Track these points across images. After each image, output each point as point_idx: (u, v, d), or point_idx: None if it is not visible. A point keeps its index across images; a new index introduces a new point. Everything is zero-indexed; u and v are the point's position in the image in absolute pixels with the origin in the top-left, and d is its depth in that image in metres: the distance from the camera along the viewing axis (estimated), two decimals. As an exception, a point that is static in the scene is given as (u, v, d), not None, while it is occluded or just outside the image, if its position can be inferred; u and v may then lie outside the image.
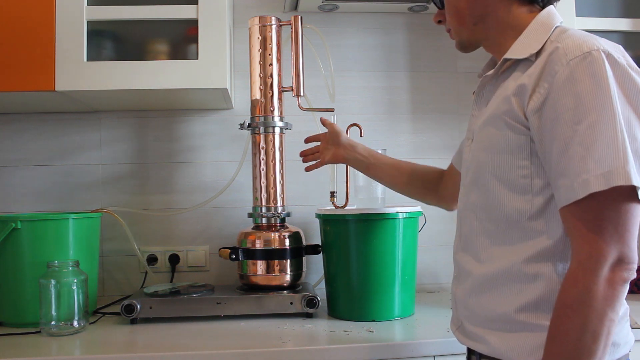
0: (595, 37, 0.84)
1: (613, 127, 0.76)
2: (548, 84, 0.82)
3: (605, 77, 0.78)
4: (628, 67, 0.80)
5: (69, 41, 1.43)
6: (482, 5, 0.95)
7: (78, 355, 1.17)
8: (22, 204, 1.75)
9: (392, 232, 1.40)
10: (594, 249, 0.76)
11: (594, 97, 0.77)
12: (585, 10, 1.60)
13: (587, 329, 0.74)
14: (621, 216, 0.76)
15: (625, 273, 0.76)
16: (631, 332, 0.90)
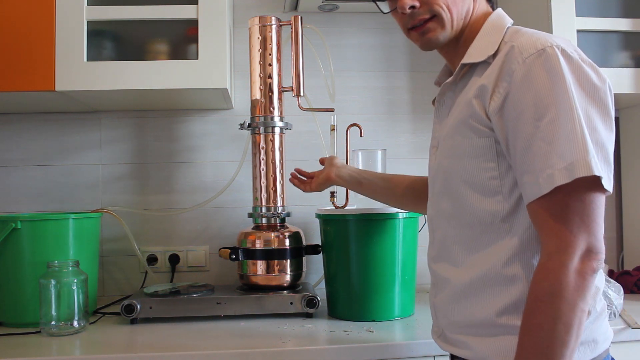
0: (548, 34, 0.85)
1: (572, 121, 0.77)
2: (507, 83, 0.82)
3: (560, 72, 0.79)
4: (581, 61, 0.81)
5: (69, 41, 1.43)
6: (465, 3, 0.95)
7: (78, 355, 1.18)
8: (22, 204, 1.75)
9: (392, 232, 1.40)
10: (562, 241, 0.76)
11: (552, 93, 0.78)
12: (585, 10, 1.59)
13: (559, 320, 0.74)
14: (587, 207, 0.77)
15: (594, 263, 0.76)
16: (610, 328, 0.90)
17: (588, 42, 1.61)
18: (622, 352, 1.28)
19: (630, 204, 1.89)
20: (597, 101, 0.80)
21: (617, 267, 1.92)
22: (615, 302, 1.32)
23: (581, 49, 1.59)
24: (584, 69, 0.81)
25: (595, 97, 0.80)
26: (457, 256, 0.93)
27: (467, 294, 0.90)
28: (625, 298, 1.42)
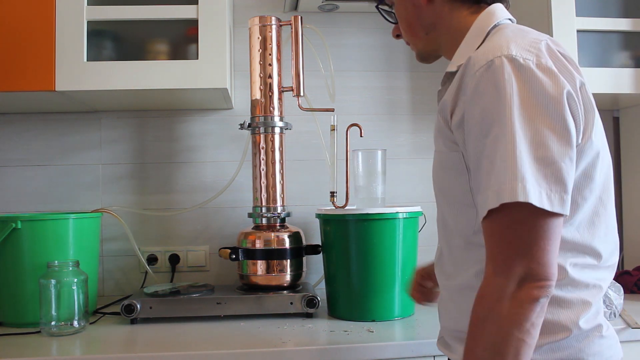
0: (514, 37, 0.80)
1: (507, 141, 0.72)
2: (464, 97, 0.80)
3: (503, 87, 0.74)
4: (536, 69, 0.75)
5: (69, 41, 1.43)
6: (430, 14, 0.94)
7: (78, 355, 1.18)
8: (22, 204, 1.75)
9: (392, 232, 1.40)
10: (498, 266, 0.73)
11: (495, 110, 0.75)
12: (585, 10, 1.59)
13: (492, 348, 0.72)
14: (526, 231, 0.72)
15: (535, 291, 0.71)
16: (613, 349, 0.85)
17: (588, 42, 1.61)
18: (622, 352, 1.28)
19: (630, 204, 1.89)
20: (551, 113, 0.74)
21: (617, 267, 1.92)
22: (615, 302, 1.32)
23: (581, 49, 1.61)
24: (537, 77, 0.75)
25: (549, 109, 0.74)
26: (445, 264, 0.94)
27: (453, 301, 0.91)
28: (625, 298, 1.42)
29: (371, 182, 1.51)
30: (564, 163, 0.73)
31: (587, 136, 0.79)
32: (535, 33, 0.84)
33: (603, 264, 0.85)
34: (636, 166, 1.86)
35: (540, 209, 0.71)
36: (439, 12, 0.93)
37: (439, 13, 0.93)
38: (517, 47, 0.77)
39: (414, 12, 0.95)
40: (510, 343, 0.71)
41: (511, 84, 0.74)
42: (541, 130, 0.73)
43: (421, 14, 0.95)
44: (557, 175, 0.73)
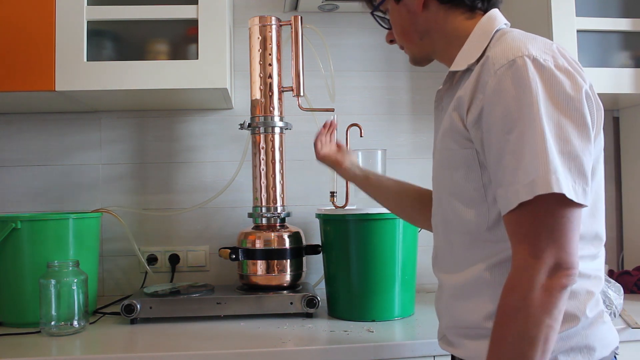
0: (527, 40, 0.83)
1: (536, 136, 0.76)
2: (482, 95, 0.82)
3: (529, 85, 0.78)
4: (555, 69, 0.79)
5: (69, 41, 1.43)
6: (424, 19, 0.97)
7: (78, 355, 1.18)
8: (22, 204, 1.75)
9: (392, 232, 1.40)
10: (529, 256, 0.76)
11: (520, 106, 0.78)
12: (585, 10, 1.59)
13: (523, 335, 0.74)
14: (556, 222, 0.75)
15: (564, 279, 0.75)
16: (613, 334, 0.89)
17: (588, 42, 1.61)
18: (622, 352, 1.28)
19: (630, 204, 1.89)
20: (572, 111, 0.78)
21: (617, 267, 1.92)
22: (615, 302, 1.32)
23: (581, 49, 1.61)
24: (558, 78, 0.79)
25: (570, 106, 0.78)
26: (449, 262, 0.95)
27: (458, 298, 0.92)
28: (625, 298, 1.42)
29: (371, 182, 1.51)
30: (585, 157, 0.77)
31: (596, 133, 0.83)
32: (541, 37, 0.86)
33: (599, 252, 0.89)
34: (636, 166, 1.86)
35: (568, 200, 0.75)
36: (433, 18, 0.96)
37: (433, 19, 0.96)
38: (535, 48, 0.81)
39: (408, 18, 0.98)
40: (541, 330, 0.74)
41: (536, 82, 0.77)
42: (565, 126, 0.77)
43: (416, 20, 0.97)
44: (580, 169, 0.77)
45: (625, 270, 1.71)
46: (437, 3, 0.95)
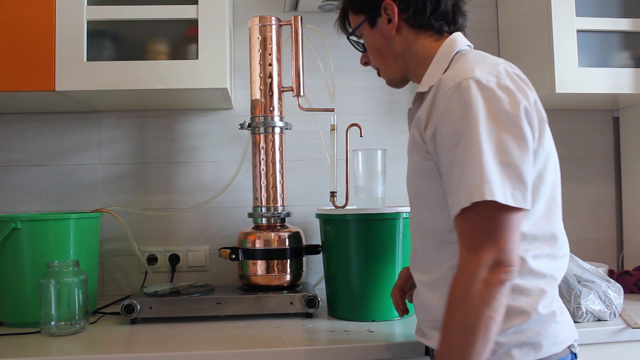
0: (476, 63, 0.92)
1: (475, 150, 0.85)
2: (436, 114, 0.92)
3: (471, 104, 0.87)
4: (496, 89, 0.88)
5: (69, 41, 1.43)
6: (397, 43, 1.06)
7: (78, 355, 1.17)
8: (22, 204, 1.75)
9: (392, 232, 1.40)
10: (471, 255, 0.85)
11: (463, 124, 0.87)
12: (585, 10, 1.60)
13: (465, 325, 0.84)
14: (493, 224, 0.85)
15: (502, 275, 0.83)
16: (566, 332, 0.95)
17: (588, 42, 1.61)
18: (622, 352, 1.28)
19: (630, 204, 1.89)
20: (510, 125, 0.86)
21: (617, 267, 1.92)
22: (615, 302, 1.32)
23: (581, 49, 1.61)
24: (498, 96, 0.87)
25: (508, 122, 0.86)
26: (423, 263, 1.04)
27: (429, 295, 1.01)
28: (625, 298, 1.42)
29: (371, 182, 1.51)
30: (524, 166, 0.86)
31: (540, 142, 0.91)
32: (493, 58, 0.96)
33: (557, 253, 0.96)
34: (636, 166, 1.86)
35: (505, 205, 0.84)
36: (406, 41, 1.06)
37: (406, 42, 1.06)
38: (481, 70, 0.90)
39: (383, 42, 1.08)
40: (481, 320, 0.83)
41: (477, 102, 0.87)
42: (504, 139, 0.86)
43: (390, 44, 1.07)
44: (519, 177, 0.86)
45: (625, 270, 1.71)
46: (408, 27, 1.05)
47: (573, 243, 1.01)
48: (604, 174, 1.95)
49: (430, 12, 1.03)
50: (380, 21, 1.06)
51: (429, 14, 1.03)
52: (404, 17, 1.05)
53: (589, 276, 1.36)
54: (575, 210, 1.91)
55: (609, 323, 1.30)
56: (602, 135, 1.95)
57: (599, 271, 1.40)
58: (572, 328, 0.99)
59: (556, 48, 1.56)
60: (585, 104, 1.84)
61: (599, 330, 1.27)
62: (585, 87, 1.58)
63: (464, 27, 1.08)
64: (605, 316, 1.31)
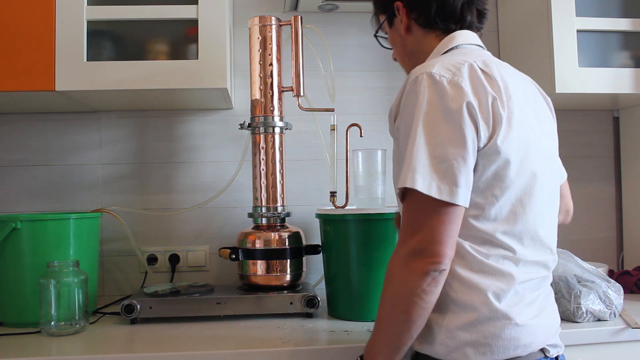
0: (441, 60, 0.95)
1: (412, 141, 0.89)
2: (401, 106, 0.96)
3: (420, 98, 0.90)
4: (447, 85, 0.90)
5: (69, 41, 1.43)
6: (410, 41, 1.10)
7: (78, 355, 1.17)
8: (22, 204, 1.75)
9: (392, 232, 1.39)
10: (400, 237, 0.92)
11: (411, 115, 0.91)
12: (585, 10, 1.59)
13: (391, 306, 0.91)
14: (421, 215, 0.88)
15: (426, 265, 0.86)
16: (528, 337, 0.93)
17: (588, 42, 1.61)
18: (623, 352, 1.28)
19: (630, 204, 1.89)
20: (450, 121, 0.88)
21: (617, 267, 1.92)
22: (615, 302, 1.32)
23: (581, 49, 1.61)
24: (446, 91, 0.89)
25: (449, 116, 0.88)
26: None
27: None
28: (625, 298, 1.42)
29: (371, 182, 1.51)
30: (456, 162, 0.88)
31: (492, 142, 0.90)
32: (469, 55, 0.97)
33: (522, 258, 0.95)
34: (636, 166, 1.86)
35: (432, 197, 0.86)
36: (417, 40, 1.09)
37: (417, 41, 1.09)
38: (440, 66, 0.92)
39: (400, 41, 1.12)
40: (402, 302, 0.89)
41: (424, 95, 0.90)
42: (440, 133, 0.88)
43: (404, 42, 1.11)
44: (449, 171, 0.87)
45: (625, 270, 1.71)
46: (418, 27, 1.08)
47: (573, 243, 1.01)
48: (604, 174, 1.95)
49: (435, 13, 1.05)
50: (396, 21, 1.11)
51: (434, 14, 1.05)
52: (413, 17, 1.08)
53: (589, 276, 1.36)
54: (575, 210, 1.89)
55: (609, 323, 1.30)
56: (602, 135, 1.95)
57: (599, 271, 1.40)
58: (549, 333, 0.97)
59: (556, 48, 1.56)
60: (585, 104, 1.84)
61: (599, 330, 1.27)
62: (585, 87, 1.58)
63: (476, 25, 1.08)
64: (605, 316, 1.31)
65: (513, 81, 0.97)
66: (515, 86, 0.97)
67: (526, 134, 0.95)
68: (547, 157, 1.00)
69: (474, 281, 0.92)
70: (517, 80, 1.00)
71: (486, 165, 0.91)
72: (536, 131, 0.98)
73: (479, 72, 0.93)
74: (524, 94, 0.99)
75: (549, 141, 1.03)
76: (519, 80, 1.02)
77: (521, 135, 0.93)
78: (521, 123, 0.94)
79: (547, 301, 1.01)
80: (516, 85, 0.97)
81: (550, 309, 1.01)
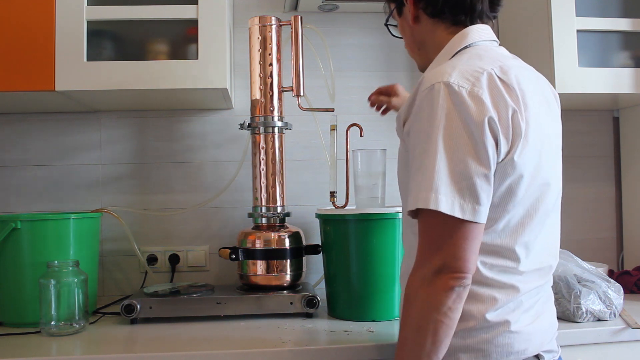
0: (458, 65, 0.90)
1: (431, 156, 0.85)
2: (412, 112, 0.92)
3: (436, 108, 0.86)
4: (466, 96, 0.86)
5: (69, 41, 1.43)
6: (418, 32, 1.07)
7: (78, 355, 1.17)
8: (22, 204, 1.75)
9: (392, 232, 1.39)
10: (420, 257, 0.88)
11: (428, 127, 0.87)
12: (585, 10, 1.59)
13: (416, 326, 0.86)
14: (441, 232, 0.85)
15: (450, 281, 0.84)
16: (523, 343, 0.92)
17: (588, 42, 1.61)
18: (623, 352, 1.28)
19: (630, 204, 1.89)
20: (471, 135, 0.85)
21: (617, 267, 1.92)
22: (615, 302, 1.32)
23: (581, 49, 1.61)
24: (465, 104, 0.85)
25: (470, 131, 0.85)
26: (405, 248, 1.06)
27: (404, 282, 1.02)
28: (625, 298, 1.42)
29: (371, 182, 1.51)
30: (478, 179, 0.85)
31: (509, 157, 0.88)
32: (486, 61, 0.93)
33: (524, 268, 0.94)
34: (636, 166, 1.86)
35: (453, 216, 0.84)
36: (425, 31, 1.06)
37: (425, 31, 1.06)
38: (458, 74, 0.88)
39: (409, 30, 1.09)
40: (429, 323, 0.85)
41: (443, 107, 0.86)
42: (462, 149, 0.85)
43: (413, 33, 1.08)
44: (472, 189, 0.85)
45: (625, 270, 1.71)
46: (427, 17, 1.04)
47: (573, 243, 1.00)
48: (604, 174, 1.95)
49: (443, 2, 1.01)
50: (405, 10, 1.08)
51: (441, 4, 1.01)
52: (421, 7, 1.04)
53: (589, 276, 1.36)
54: (575, 210, 1.91)
55: (609, 323, 1.30)
56: (602, 135, 1.95)
57: (599, 271, 1.40)
58: (544, 338, 0.96)
59: (556, 48, 1.56)
60: (585, 104, 1.84)
61: (599, 330, 1.27)
62: (585, 87, 1.58)
63: (488, 14, 1.03)
64: (605, 316, 1.31)
65: (529, 86, 0.94)
66: (532, 92, 0.94)
67: (540, 144, 0.92)
68: (556, 160, 0.99)
69: (476, 292, 0.91)
70: (533, 84, 0.97)
71: (501, 180, 0.89)
72: (550, 135, 0.97)
73: (497, 82, 0.89)
74: (539, 99, 0.96)
75: (557, 141, 1.02)
76: (534, 81, 0.98)
77: (536, 146, 0.91)
78: (537, 133, 0.91)
79: (546, 306, 1.00)
80: (533, 91, 0.94)
81: (548, 314, 1.00)
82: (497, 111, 0.87)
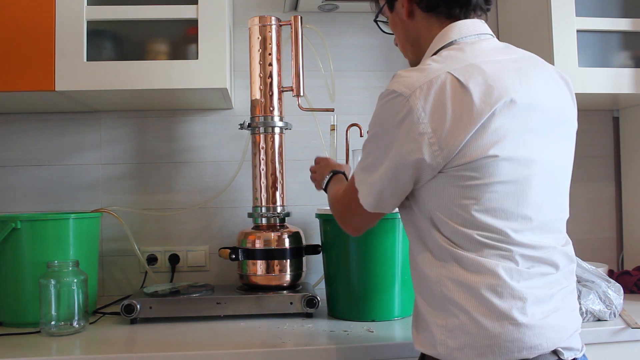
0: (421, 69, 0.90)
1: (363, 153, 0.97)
2: None
3: (376, 113, 0.93)
4: (397, 101, 0.88)
5: (69, 41, 1.43)
6: (412, 27, 1.04)
7: (78, 355, 1.18)
8: (22, 204, 1.75)
9: (392, 232, 1.39)
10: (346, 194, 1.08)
11: (370, 129, 0.96)
12: (585, 10, 1.60)
13: None
14: None
15: None
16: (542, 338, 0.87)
17: (588, 42, 1.61)
18: (623, 352, 1.28)
19: (630, 204, 1.89)
20: (388, 135, 0.91)
21: (617, 267, 1.92)
22: (615, 302, 1.32)
23: (581, 49, 1.61)
24: (396, 108, 0.88)
25: (388, 131, 0.91)
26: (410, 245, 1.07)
27: None
28: (625, 298, 1.42)
29: (371, 182, 1.51)
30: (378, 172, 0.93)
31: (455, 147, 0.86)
32: (455, 60, 0.90)
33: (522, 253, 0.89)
34: (636, 166, 1.86)
35: None
36: (419, 26, 1.03)
37: (419, 27, 1.03)
38: (408, 81, 0.88)
39: (401, 26, 1.06)
40: None
41: (378, 109, 0.93)
42: (375, 145, 0.94)
43: (406, 28, 1.05)
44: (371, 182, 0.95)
45: (625, 270, 1.71)
46: (421, 11, 1.01)
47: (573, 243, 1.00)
48: (604, 174, 1.95)
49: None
50: (397, 5, 1.04)
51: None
52: (415, 1, 1.01)
53: (589, 276, 1.36)
54: (575, 210, 1.90)
55: (609, 323, 1.30)
56: (602, 135, 1.95)
57: (599, 271, 1.40)
58: (562, 334, 0.90)
59: (556, 48, 1.56)
60: (585, 104, 1.84)
61: (599, 330, 1.27)
62: (585, 87, 1.58)
63: (482, 7, 1.00)
64: (605, 316, 1.31)
65: (510, 79, 0.89)
66: (515, 83, 0.89)
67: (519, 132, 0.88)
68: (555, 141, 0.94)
69: (466, 280, 0.88)
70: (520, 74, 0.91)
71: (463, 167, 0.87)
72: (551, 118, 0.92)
73: (447, 88, 0.86)
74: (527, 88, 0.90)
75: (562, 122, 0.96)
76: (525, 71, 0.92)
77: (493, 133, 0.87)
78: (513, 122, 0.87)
79: (565, 301, 0.93)
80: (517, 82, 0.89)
81: (567, 310, 0.93)
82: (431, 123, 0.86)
